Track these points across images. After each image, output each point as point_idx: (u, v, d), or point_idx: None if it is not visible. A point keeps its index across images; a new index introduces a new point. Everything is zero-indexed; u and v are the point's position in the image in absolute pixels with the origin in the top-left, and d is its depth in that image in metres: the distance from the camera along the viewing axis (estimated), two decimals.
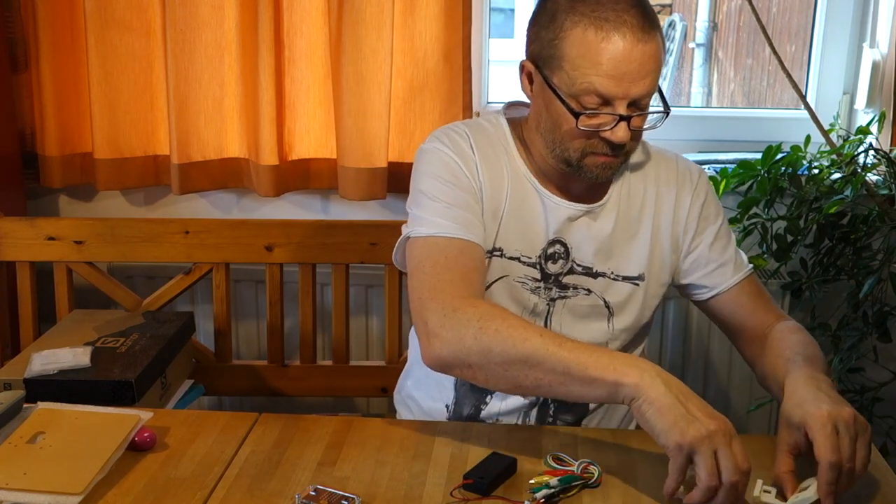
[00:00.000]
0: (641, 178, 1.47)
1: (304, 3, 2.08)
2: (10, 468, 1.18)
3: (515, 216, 1.40)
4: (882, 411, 2.08)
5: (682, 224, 1.47)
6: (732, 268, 1.48)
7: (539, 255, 1.42)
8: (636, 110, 1.31)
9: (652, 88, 1.31)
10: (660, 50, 1.31)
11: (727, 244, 1.49)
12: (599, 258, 1.43)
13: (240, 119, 2.16)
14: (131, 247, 1.95)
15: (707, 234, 1.48)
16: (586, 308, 1.44)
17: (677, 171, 1.49)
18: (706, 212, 1.49)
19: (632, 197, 1.46)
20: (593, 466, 1.20)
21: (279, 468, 1.23)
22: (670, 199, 1.47)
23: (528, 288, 1.42)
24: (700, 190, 1.49)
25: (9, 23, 2.12)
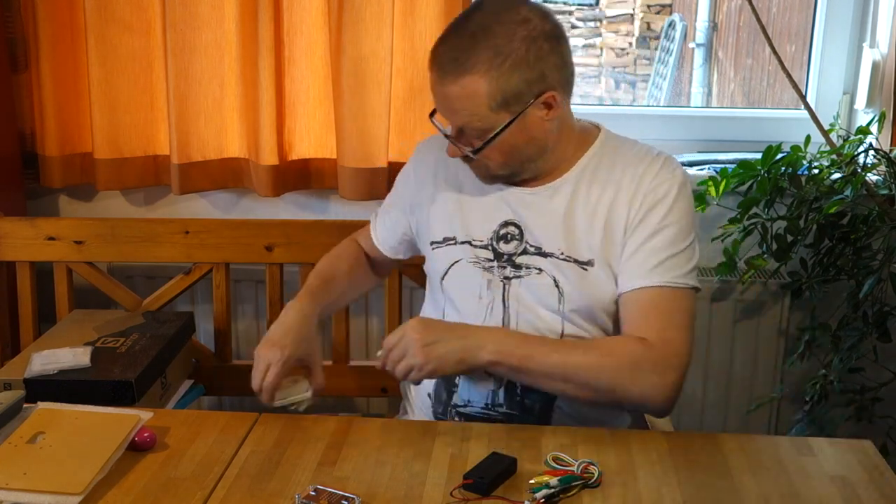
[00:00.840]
0: (607, 176, 1.46)
1: (304, 3, 2.08)
2: (10, 468, 1.18)
3: (467, 205, 1.53)
4: (882, 411, 2.08)
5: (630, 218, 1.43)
6: (642, 273, 1.41)
7: (491, 238, 1.50)
8: (462, 136, 1.41)
9: (465, 124, 1.39)
10: (468, 94, 1.35)
11: (659, 249, 1.41)
12: (550, 238, 1.46)
13: (240, 119, 2.16)
14: (131, 247, 1.95)
15: (646, 229, 1.42)
16: (539, 287, 1.46)
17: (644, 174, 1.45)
18: (655, 211, 1.43)
19: (593, 188, 1.46)
20: (593, 466, 1.20)
21: (279, 468, 1.23)
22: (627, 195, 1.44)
23: (482, 267, 1.50)
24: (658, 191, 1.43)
25: (9, 23, 2.12)
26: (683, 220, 1.44)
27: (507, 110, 1.37)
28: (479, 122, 1.38)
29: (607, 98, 7.44)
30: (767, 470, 1.23)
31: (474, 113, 1.37)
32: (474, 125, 1.38)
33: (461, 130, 1.41)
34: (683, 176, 1.47)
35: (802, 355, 2.12)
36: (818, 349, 2.13)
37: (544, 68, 1.37)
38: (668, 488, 1.19)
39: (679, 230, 1.43)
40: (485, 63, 1.34)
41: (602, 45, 7.58)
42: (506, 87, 1.35)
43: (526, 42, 1.35)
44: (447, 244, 1.53)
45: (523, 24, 1.35)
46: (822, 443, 1.31)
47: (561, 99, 1.41)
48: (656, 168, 1.46)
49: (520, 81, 1.35)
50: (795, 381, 2.25)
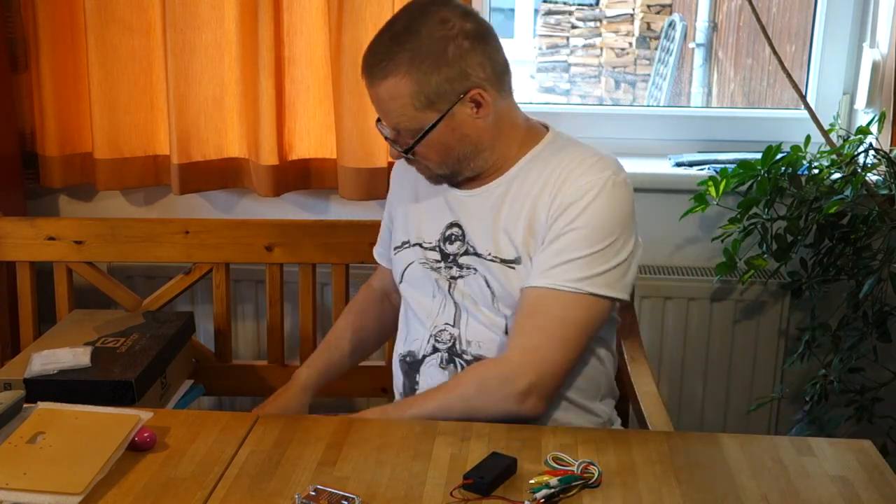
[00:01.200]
0: (539, 177, 1.46)
1: (304, 3, 2.08)
2: (10, 468, 1.18)
3: (420, 208, 1.57)
4: (882, 411, 2.08)
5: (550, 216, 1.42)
6: (540, 272, 1.40)
7: (438, 239, 1.53)
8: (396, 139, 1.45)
9: (395, 124, 1.42)
10: (392, 95, 1.38)
11: (563, 251, 1.39)
12: (481, 239, 1.48)
13: (240, 119, 2.16)
14: (131, 247, 1.95)
15: (553, 230, 1.41)
16: (475, 287, 1.49)
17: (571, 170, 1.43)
18: (569, 212, 1.40)
19: (524, 185, 1.47)
20: (593, 466, 1.20)
21: (279, 468, 1.23)
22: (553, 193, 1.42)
23: (430, 267, 1.53)
24: (577, 189, 1.41)
25: (9, 23, 2.12)
26: (597, 223, 1.39)
27: (432, 109, 1.39)
28: (408, 122, 1.41)
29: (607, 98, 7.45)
30: (767, 470, 1.23)
31: (402, 113, 1.40)
32: (405, 125, 1.41)
33: (397, 132, 1.44)
34: (610, 178, 1.41)
35: (802, 355, 2.12)
36: (818, 349, 2.13)
37: (466, 66, 1.38)
38: (668, 488, 1.19)
39: (588, 234, 1.39)
40: (405, 64, 1.37)
41: (602, 45, 7.59)
42: (427, 86, 1.37)
43: (444, 41, 1.37)
44: (404, 248, 1.58)
45: (442, 24, 1.38)
46: (822, 443, 1.31)
47: (492, 97, 1.41)
48: (583, 168, 1.43)
49: (441, 80, 1.38)
50: (795, 381, 2.25)
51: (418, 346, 1.54)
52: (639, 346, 1.78)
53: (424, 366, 1.53)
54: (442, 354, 1.52)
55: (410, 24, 1.39)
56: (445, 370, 1.50)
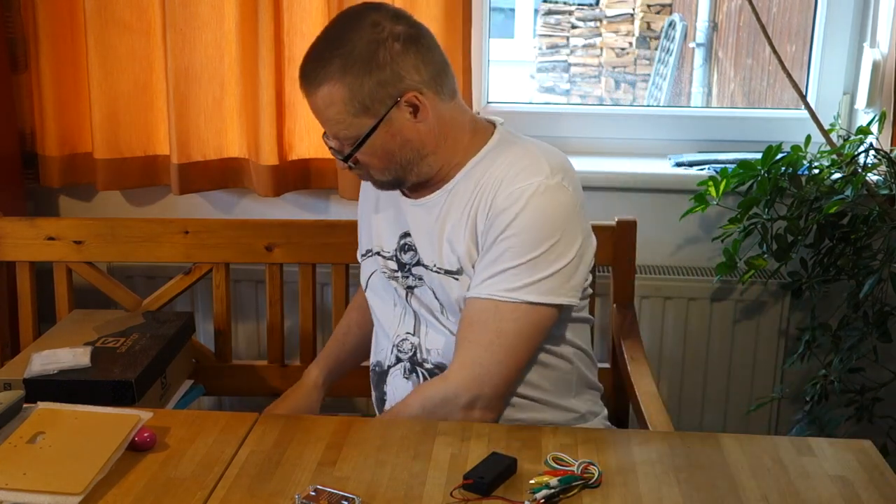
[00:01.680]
0: (479, 183, 1.43)
1: (304, 3, 2.08)
2: (10, 468, 1.18)
3: (380, 217, 1.57)
4: (882, 411, 2.08)
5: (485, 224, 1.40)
6: (477, 284, 1.40)
7: (395, 249, 1.53)
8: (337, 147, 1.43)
9: (336, 133, 1.41)
10: (329, 103, 1.37)
11: (493, 261, 1.38)
12: (426, 249, 1.48)
13: (240, 119, 2.16)
14: (131, 247, 1.95)
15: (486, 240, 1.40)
16: (427, 298, 1.49)
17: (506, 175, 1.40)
18: (499, 220, 1.38)
19: (465, 198, 1.44)
20: (593, 466, 1.20)
21: (279, 468, 1.23)
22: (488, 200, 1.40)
23: (388, 277, 1.54)
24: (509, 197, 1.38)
25: (9, 23, 2.12)
26: (530, 230, 1.37)
27: (368, 115, 1.37)
28: (345, 129, 1.39)
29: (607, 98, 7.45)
30: (767, 470, 1.23)
31: (339, 121, 1.38)
32: (343, 133, 1.40)
33: (338, 140, 1.42)
34: (542, 185, 1.38)
35: (802, 355, 2.12)
36: (818, 349, 2.13)
37: (399, 69, 1.36)
38: (668, 488, 1.19)
39: (522, 241, 1.37)
40: (337, 70, 1.35)
41: (602, 45, 7.60)
42: (360, 91, 1.36)
43: (374, 45, 1.35)
44: (368, 256, 1.59)
45: (372, 27, 1.36)
46: (822, 443, 1.31)
47: (430, 100, 1.38)
48: (513, 174, 1.40)
49: (373, 85, 1.35)
50: (795, 381, 2.25)
51: (384, 356, 1.55)
52: (639, 346, 1.78)
53: (390, 376, 1.53)
54: (405, 364, 1.51)
55: (342, 30, 1.38)
56: (409, 380, 1.50)
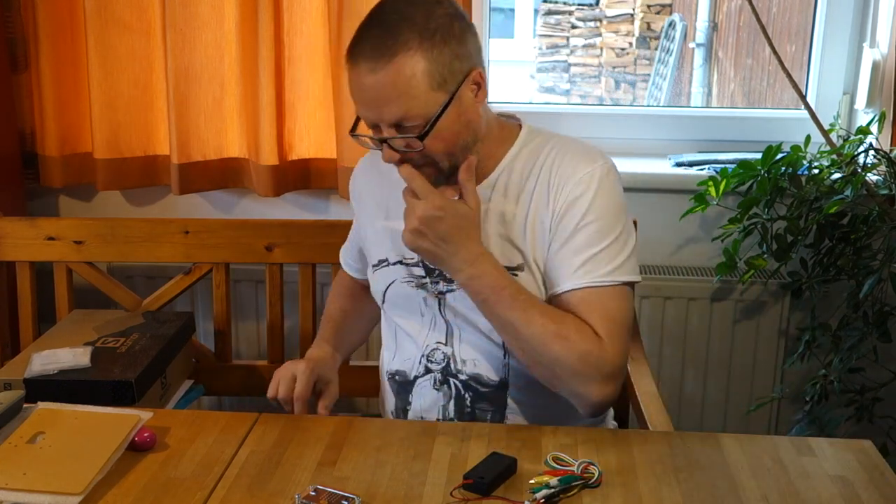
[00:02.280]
0: (529, 173, 1.43)
1: (304, 3, 2.08)
2: (10, 468, 1.18)
3: (396, 223, 1.44)
4: (882, 411, 2.08)
5: (554, 216, 1.40)
6: (570, 274, 1.37)
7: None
8: (401, 132, 1.32)
9: (405, 113, 1.30)
10: (406, 75, 1.28)
11: (583, 248, 1.37)
12: None
13: (240, 119, 2.16)
14: (131, 247, 1.95)
15: (567, 229, 1.38)
16: (465, 303, 1.43)
17: (565, 167, 1.41)
18: (576, 207, 1.38)
19: (516, 189, 1.43)
20: (593, 466, 1.20)
21: (279, 468, 1.23)
22: (550, 193, 1.40)
23: (416, 285, 1.47)
24: (579, 185, 1.39)
25: (9, 23, 2.12)
26: (606, 214, 1.39)
27: (443, 90, 1.31)
28: (418, 106, 1.30)
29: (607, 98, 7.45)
30: (767, 470, 1.23)
31: (413, 96, 1.29)
32: (413, 112, 1.30)
33: (398, 125, 1.32)
34: (604, 167, 1.41)
35: (802, 355, 2.12)
36: (818, 349, 2.13)
37: (468, 44, 1.33)
38: (668, 488, 1.19)
39: (601, 227, 1.38)
40: (415, 39, 1.28)
41: (602, 45, 7.59)
42: (440, 60, 1.29)
43: (448, 18, 1.31)
44: (382, 266, 1.52)
45: (437, 3, 1.32)
46: (822, 443, 1.31)
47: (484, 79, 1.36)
48: (575, 161, 1.41)
49: (451, 56, 1.30)
50: (795, 381, 2.25)
51: (409, 365, 1.50)
52: (639, 346, 1.78)
53: (417, 387, 1.49)
54: (435, 375, 1.48)
55: (403, 6, 1.31)
56: (439, 391, 1.47)
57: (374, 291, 1.55)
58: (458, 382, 1.47)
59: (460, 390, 1.47)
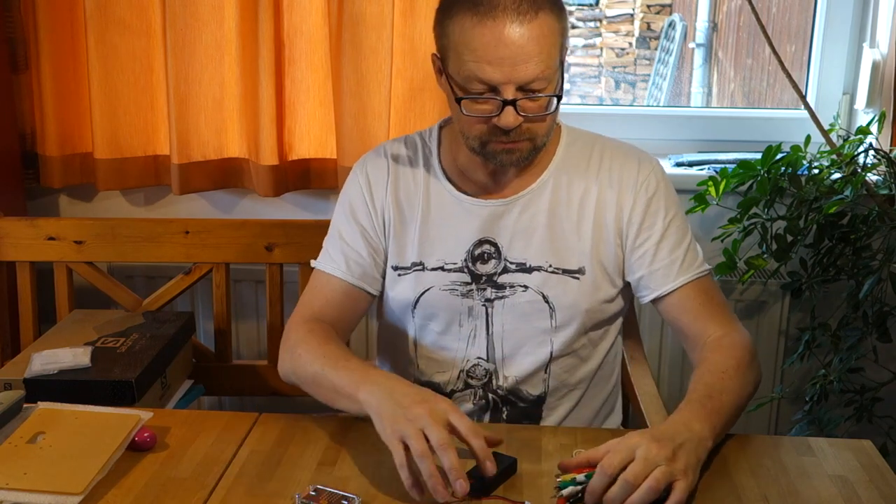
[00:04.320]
0: (584, 172, 1.44)
1: (304, 3, 2.08)
2: (10, 468, 1.18)
3: (433, 227, 1.44)
4: (882, 411, 2.08)
5: (625, 219, 1.42)
6: (676, 270, 1.41)
7: (465, 260, 1.43)
8: (527, 94, 1.27)
9: (539, 72, 1.26)
10: (545, 32, 1.25)
11: (677, 243, 1.42)
12: (534, 251, 1.42)
13: (240, 119, 2.16)
14: (131, 247, 1.95)
15: (654, 231, 1.42)
16: (526, 305, 1.42)
17: (623, 167, 1.44)
18: (653, 207, 1.42)
19: (572, 189, 1.43)
20: None
21: (279, 468, 1.23)
22: (613, 194, 1.42)
23: (459, 293, 1.43)
24: (647, 185, 1.43)
25: (9, 23, 2.12)
26: (678, 207, 1.46)
27: (560, 57, 1.30)
28: (550, 67, 1.27)
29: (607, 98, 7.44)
30: (767, 470, 1.23)
31: (550, 55, 1.27)
32: (546, 72, 1.27)
33: (523, 88, 1.27)
34: (657, 162, 1.47)
35: (802, 355, 2.12)
36: (818, 349, 2.13)
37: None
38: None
39: (681, 220, 1.45)
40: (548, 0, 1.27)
41: (602, 45, 7.58)
42: (565, 26, 1.29)
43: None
44: (415, 270, 1.45)
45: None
46: (822, 443, 1.31)
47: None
48: (634, 161, 1.45)
49: (567, 25, 1.30)
50: (795, 381, 2.25)
51: (444, 379, 1.47)
52: (639, 346, 1.78)
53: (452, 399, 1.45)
54: (476, 390, 1.46)
55: None
56: (477, 405, 1.46)
57: (397, 297, 1.47)
58: (497, 398, 1.45)
59: (498, 404, 1.46)
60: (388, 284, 1.49)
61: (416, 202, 1.46)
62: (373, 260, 1.48)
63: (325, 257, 1.50)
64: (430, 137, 1.50)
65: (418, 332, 1.49)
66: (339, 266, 1.47)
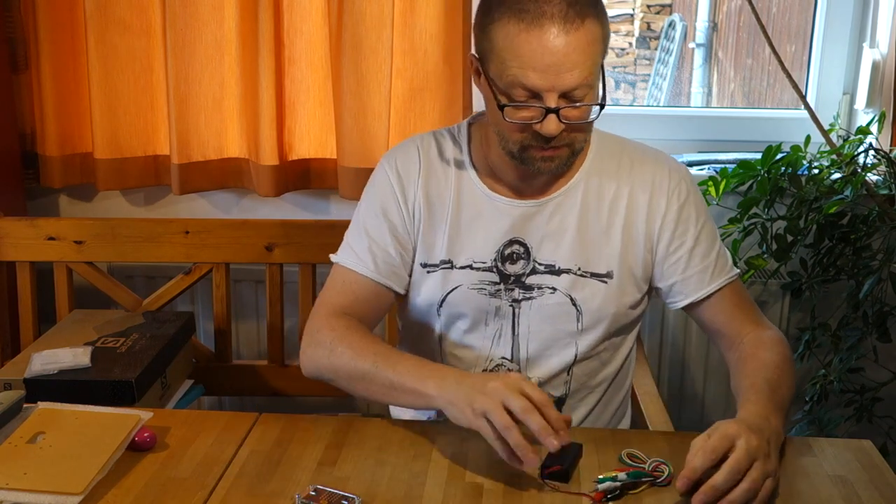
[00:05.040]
0: (615, 175, 1.44)
1: (304, 3, 2.08)
2: (10, 468, 1.18)
3: (463, 225, 1.43)
4: (882, 411, 2.08)
5: (657, 225, 1.42)
6: (710, 276, 1.43)
7: (494, 259, 1.42)
8: (570, 102, 1.27)
9: (583, 80, 1.26)
10: (590, 40, 1.25)
11: (709, 249, 1.44)
12: (563, 254, 1.42)
13: (240, 119, 2.16)
14: (131, 247, 1.95)
15: (688, 237, 1.43)
16: (553, 307, 1.42)
17: (654, 172, 1.44)
18: (685, 213, 1.43)
19: (602, 193, 1.43)
20: (665, 465, 1.20)
21: (279, 468, 1.23)
22: (644, 199, 1.43)
23: (487, 293, 1.43)
24: (678, 191, 1.44)
25: (9, 23, 2.12)
26: (707, 212, 1.47)
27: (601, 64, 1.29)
28: (594, 75, 1.27)
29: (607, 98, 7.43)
30: None
31: (595, 63, 1.27)
32: (590, 80, 1.27)
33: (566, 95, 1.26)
34: (685, 168, 1.49)
35: (802, 355, 2.12)
36: (818, 349, 2.13)
37: None
38: (668, 489, 1.19)
39: (711, 226, 1.47)
40: (594, 6, 1.27)
41: None
42: (607, 34, 1.29)
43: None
44: (443, 267, 1.44)
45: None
46: (822, 443, 1.31)
47: None
48: (665, 167, 1.46)
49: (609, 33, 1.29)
50: (795, 381, 2.25)
51: None
52: (639, 346, 1.78)
53: None
54: None
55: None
56: None
57: (424, 295, 1.46)
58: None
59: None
60: (415, 281, 1.47)
61: (448, 199, 1.44)
62: (401, 258, 1.46)
63: (349, 253, 1.46)
64: (460, 134, 1.48)
65: (444, 329, 1.48)
66: (367, 265, 1.44)
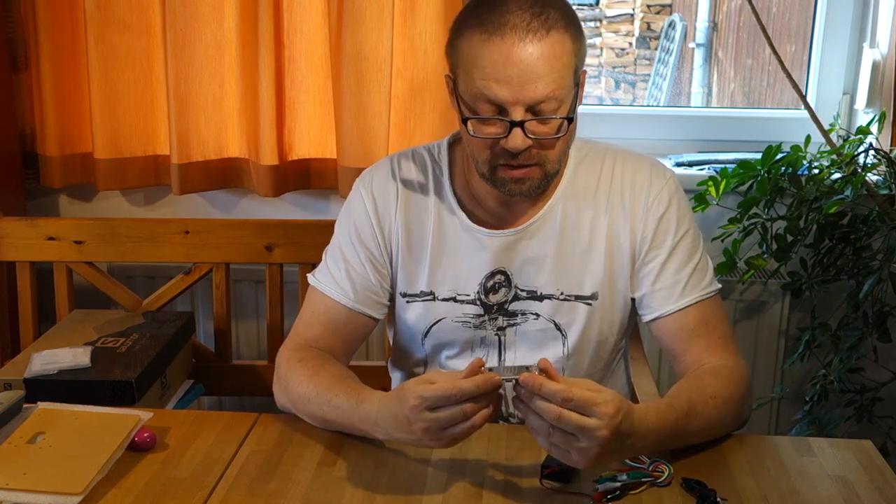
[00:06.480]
0: (593, 195, 1.39)
1: (304, 3, 2.08)
2: (10, 468, 1.18)
3: (445, 257, 1.40)
4: (882, 411, 2.08)
5: (638, 236, 1.38)
6: (679, 291, 1.36)
7: (477, 291, 1.40)
8: (536, 116, 1.23)
9: (550, 93, 1.22)
10: (557, 52, 1.21)
11: (684, 263, 1.38)
12: (544, 279, 1.39)
13: (240, 119, 2.16)
14: (131, 247, 1.95)
15: (662, 249, 1.38)
16: (538, 333, 1.40)
17: (635, 183, 1.39)
18: (664, 225, 1.38)
19: (581, 215, 1.39)
20: (664, 466, 1.19)
21: (279, 468, 1.23)
22: (626, 213, 1.38)
23: (472, 325, 1.41)
24: (659, 201, 1.38)
25: (9, 23, 2.12)
26: (690, 222, 1.40)
27: (574, 79, 1.24)
28: (562, 88, 1.22)
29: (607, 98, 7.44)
30: (767, 470, 1.23)
31: (562, 75, 1.22)
32: (557, 92, 1.22)
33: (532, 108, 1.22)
34: (673, 177, 1.41)
35: (802, 355, 2.12)
36: (818, 349, 2.13)
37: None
38: (668, 489, 1.19)
39: (692, 239, 1.40)
40: (562, 19, 1.22)
41: (602, 45, 7.58)
42: (579, 46, 1.24)
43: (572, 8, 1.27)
44: (424, 299, 1.42)
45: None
46: (822, 443, 1.31)
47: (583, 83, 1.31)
48: (647, 177, 1.39)
49: (582, 45, 1.25)
50: (795, 381, 2.25)
51: None
52: (639, 346, 1.78)
53: None
54: None
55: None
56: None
57: (408, 322, 1.45)
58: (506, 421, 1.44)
59: (509, 420, 1.45)
60: (397, 310, 1.47)
61: (427, 230, 1.41)
62: (380, 285, 1.44)
63: (328, 278, 1.44)
64: (440, 155, 1.44)
65: (429, 356, 1.48)
66: (346, 292, 1.42)
